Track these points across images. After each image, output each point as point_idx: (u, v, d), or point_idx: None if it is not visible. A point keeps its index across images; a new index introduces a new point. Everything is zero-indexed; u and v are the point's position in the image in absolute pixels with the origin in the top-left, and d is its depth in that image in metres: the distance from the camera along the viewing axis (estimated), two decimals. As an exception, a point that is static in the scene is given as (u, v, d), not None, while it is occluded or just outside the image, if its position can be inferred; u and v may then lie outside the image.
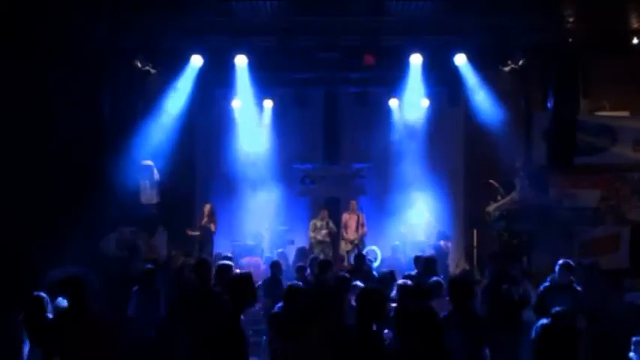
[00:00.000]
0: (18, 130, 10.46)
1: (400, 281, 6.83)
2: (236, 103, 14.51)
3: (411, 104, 14.44)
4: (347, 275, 7.31)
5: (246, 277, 5.38)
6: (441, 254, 12.22)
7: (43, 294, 6.67)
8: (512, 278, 8.13)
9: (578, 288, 7.90)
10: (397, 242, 13.34)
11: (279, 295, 6.86)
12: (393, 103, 14.79)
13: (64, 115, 10.95)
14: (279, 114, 14.90)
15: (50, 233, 10.36)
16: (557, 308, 6.18)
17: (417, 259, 9.13)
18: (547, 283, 7.98)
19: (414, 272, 8.57)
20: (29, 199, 10.34)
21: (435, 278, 7.27)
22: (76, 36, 10.94)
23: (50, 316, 6.51)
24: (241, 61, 12.76)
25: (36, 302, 6.39)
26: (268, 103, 14.81)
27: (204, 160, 14.90)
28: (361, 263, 9.15)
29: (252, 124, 14.69)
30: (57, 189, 10.80)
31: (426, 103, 14.49)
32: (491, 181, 12.79)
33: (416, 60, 12.69)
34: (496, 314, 7.44)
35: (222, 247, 13.38)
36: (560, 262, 7.97)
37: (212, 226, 13.35)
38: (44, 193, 10.58)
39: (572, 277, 7.91)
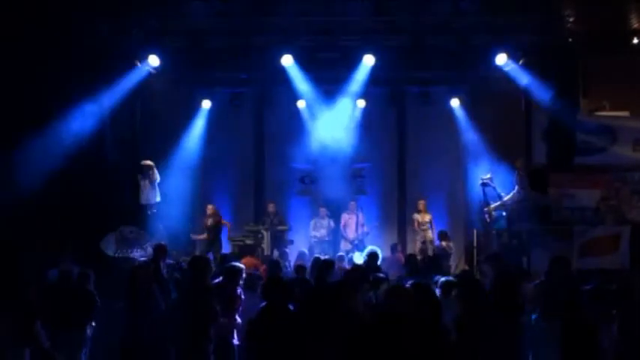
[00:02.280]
0: (18, 129, 10.46)
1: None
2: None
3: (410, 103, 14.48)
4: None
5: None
6: (442, 254, 12.23)
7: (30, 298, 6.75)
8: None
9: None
10: (396, 242, 13.35)
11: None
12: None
13: (64, 115, 10.94)
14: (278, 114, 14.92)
15: (50, 233, 10.37)
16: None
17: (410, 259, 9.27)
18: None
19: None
20: (30, 199, 10.34)
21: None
22: (76, 36, 10.95)
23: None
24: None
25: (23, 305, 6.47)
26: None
27: (204, 160, 14.89)
28: (374, 262, 9.18)
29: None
30: (58, 189, 10.79)
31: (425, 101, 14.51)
32: (486, 181, 12.78)
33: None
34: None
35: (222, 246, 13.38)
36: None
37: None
38: (45, 192, 10.58)
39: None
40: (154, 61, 12.16)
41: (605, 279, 8.48)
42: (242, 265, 8.03)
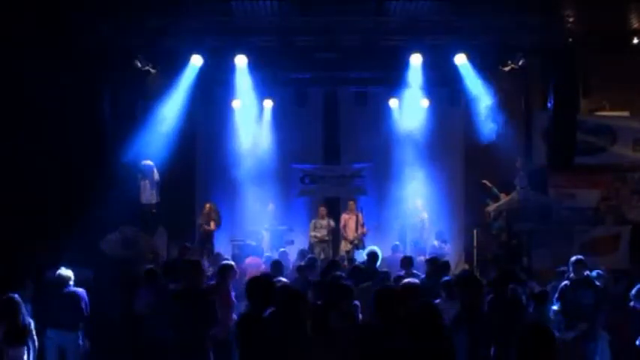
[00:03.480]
0: (18, 129, 10.46)
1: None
2: (236, 103, 14.51)
3: (411, 104, 14.45)
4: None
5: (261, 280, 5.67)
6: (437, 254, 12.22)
7: (16, 296, 6.73)
8: (518, 278, 8.15)
9: (598, 283, 8.08)
10: (397, 242, 13.33)
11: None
12: (392, 103, 14.79)
13: (65, 115, 10.94)
14: (279, 114, 14.90)
15: (50, 233, 10.37)
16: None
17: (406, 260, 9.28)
18: (566, 281, 8.09)
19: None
20: (30, 199, 10.33)
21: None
22: (76, 36, 10.94)
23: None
24: (241, 61, 12.77)
25: (9, 304, 6.45)
26: (268, 103, 14.81)
27: (204, 160, 14.89)
28: (373, 263, 9.18)
29: (252, 123, 14.71)
30: (57, 189, 10.79)
31: (425, 103, 14.49)
32: (484, 181, 12.81)
33: (416, 60, 12.69)
34: (501, 314, 7.39)
35: (222, 247, 13.38)
36: (574, 258, 8.14)
37: (212, 224, 13.29)
38: (45, 192, 10.58)
39: (587, 273, 8.08)
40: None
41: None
42: (231, 262, 8.10)
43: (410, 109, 14.55)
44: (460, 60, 12.61)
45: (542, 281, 9.20)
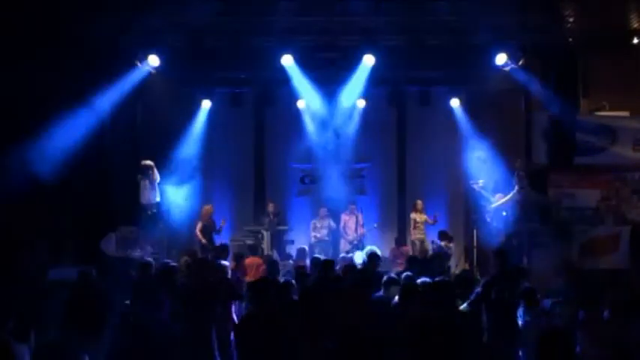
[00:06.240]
0: (16, 129, 10.46)
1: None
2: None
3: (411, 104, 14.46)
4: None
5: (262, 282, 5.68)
6: (442, 254, 12.21)
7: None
8: (511, 277, 8.12)
9: None
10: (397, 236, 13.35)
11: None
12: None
13: (64, 115, 10.95)
14: (278, 114, 14.91)
15: (50, 233, 10.38)
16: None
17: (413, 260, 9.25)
18: None
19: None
20: (29, 199, 10.34)
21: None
22: (76, 35, 10.95)
23: None
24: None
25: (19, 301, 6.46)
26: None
27: (204, 160, 14.89)
28: (374, 264, 9.16)
29: (252, 123, 14.73)
30: (57, 189, 10.79)
31: (425, 102, 14.49)
32: (475, 184, 12.82)
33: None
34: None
35: (222, 246, 13.37)
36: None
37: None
38: (44, 193, 10.58)
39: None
40: (154, 61, 12.15)
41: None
42: (226, 263, 8.15)
43: (410, 108, 14.55)
44: (459, 59, 12.60)
45: (542, 282, 9.20)
